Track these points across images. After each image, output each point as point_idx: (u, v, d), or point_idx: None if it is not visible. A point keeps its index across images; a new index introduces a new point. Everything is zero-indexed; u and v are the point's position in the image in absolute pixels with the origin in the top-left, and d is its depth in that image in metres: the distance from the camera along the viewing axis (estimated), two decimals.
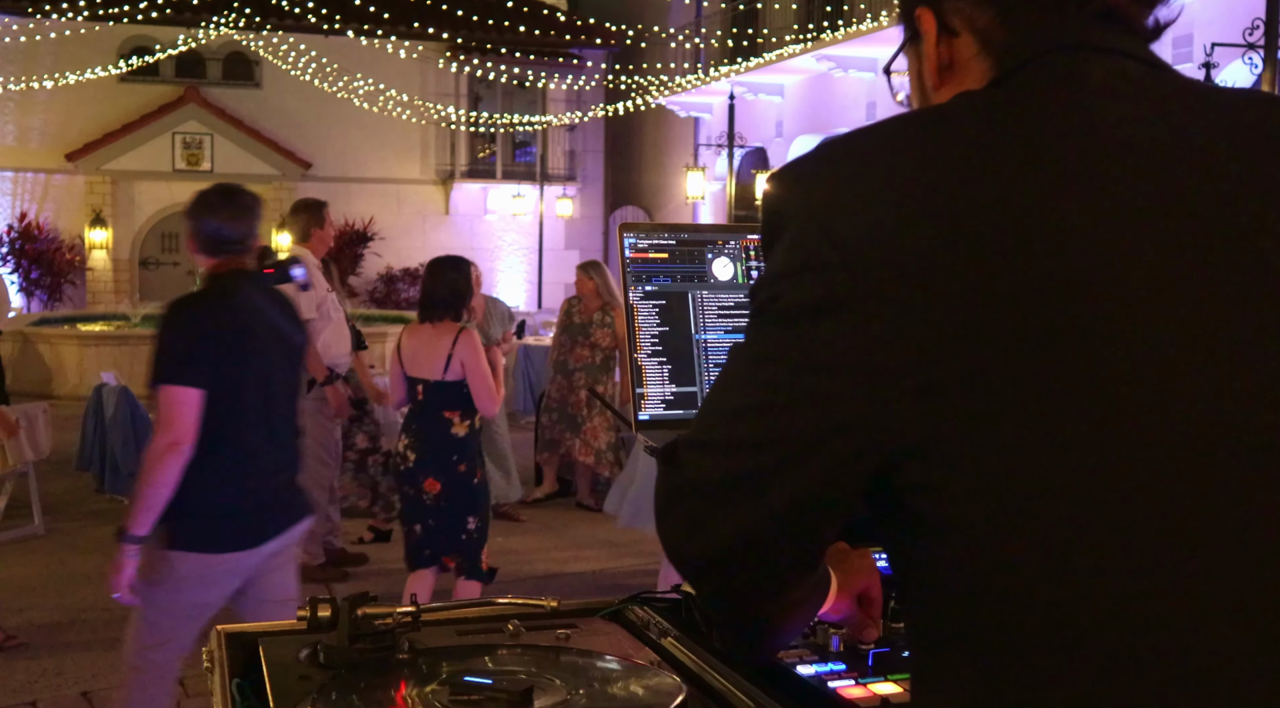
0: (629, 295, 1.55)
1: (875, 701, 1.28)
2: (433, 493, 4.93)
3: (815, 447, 0.92)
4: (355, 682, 1.34)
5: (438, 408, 4.99)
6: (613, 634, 1.56)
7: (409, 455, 5.00)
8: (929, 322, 0.87)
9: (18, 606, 5.84)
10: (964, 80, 1.02)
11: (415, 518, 5.01)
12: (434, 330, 5.00)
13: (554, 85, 20.95)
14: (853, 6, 15.36)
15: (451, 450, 4.97)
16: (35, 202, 20.02)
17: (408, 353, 5.06)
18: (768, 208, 0.98)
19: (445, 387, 4.95)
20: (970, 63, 1.01)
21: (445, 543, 4.97)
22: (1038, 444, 0.85)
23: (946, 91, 1.03)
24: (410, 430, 5.06)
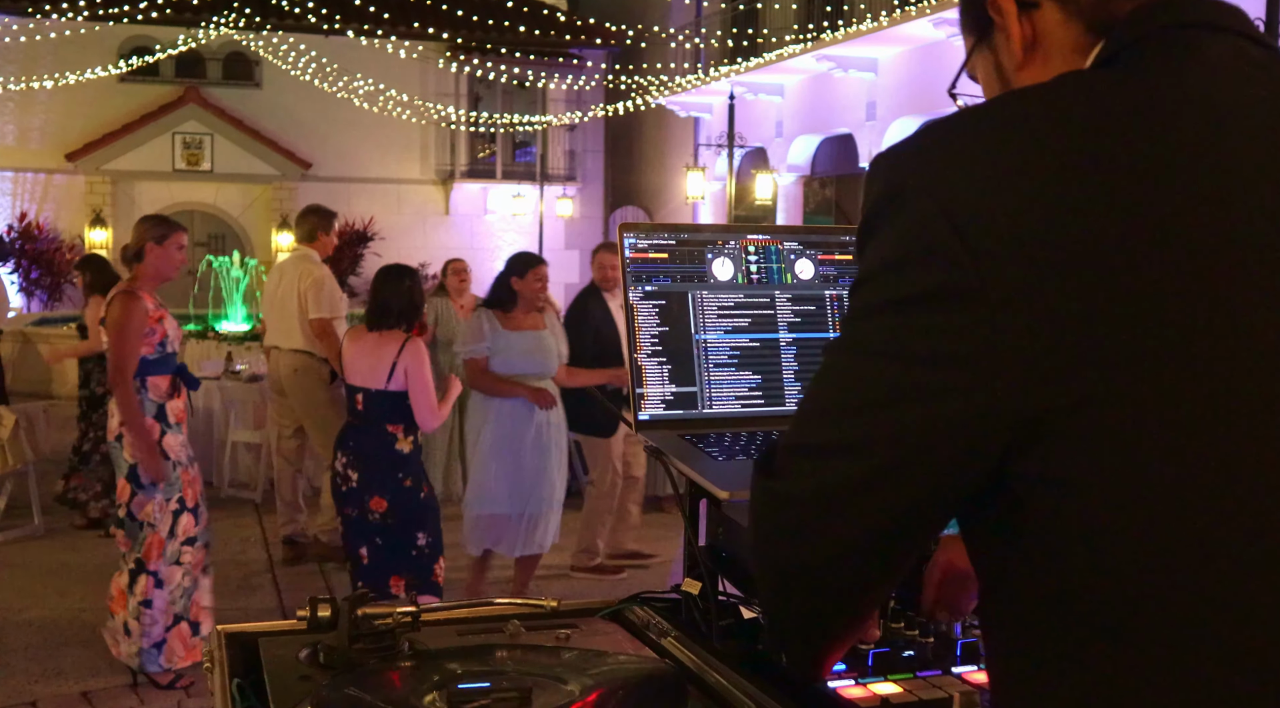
0: (629, 295, 1.55)
1: (875, 701, 1.28)
2: (379, 511, 4.75)
3: (931, 445, 0.87)
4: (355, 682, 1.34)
5: (379, 420, 4.79)
6: (613, 634, 1.56)
7: (350, 474, 4.80)
8: (1059, 312, 0.82)
9: (18, 605, 5.83)
10: (1050, 51, 0.98)
11: (360, 540, 4.81)
12: (379, 338, 4.81)
13: (554, 85, 20.95)
14: (853, 6, 15.35)
15: (396, 467, 4.80)
16: (35, 202, 20.03)
17: (349, 360, 4.86)
18: (876, 188, 0.92)
19: (386, 397, 4.76)
20: (1056, 30, 0.97)
21: (394, 564, 4.78)
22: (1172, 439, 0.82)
23: (1032, 69, 0.99)
24: (347, 447, 4.84)
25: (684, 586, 1.53)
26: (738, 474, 1.40)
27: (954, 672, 1.37)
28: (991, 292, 0.83)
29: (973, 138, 0.89)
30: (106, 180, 20.12)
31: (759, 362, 1.59)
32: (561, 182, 21.88)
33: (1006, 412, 0.84)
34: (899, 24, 13.23)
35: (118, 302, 4.68)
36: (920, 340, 0.86)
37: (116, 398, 4.68)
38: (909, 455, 0.88)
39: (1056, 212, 0.83)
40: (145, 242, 4.74)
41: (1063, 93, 0.89)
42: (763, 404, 1.59)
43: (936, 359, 0.86)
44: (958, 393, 0.85)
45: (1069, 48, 0.97)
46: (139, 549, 4.69)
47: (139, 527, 4.68)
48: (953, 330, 0.85)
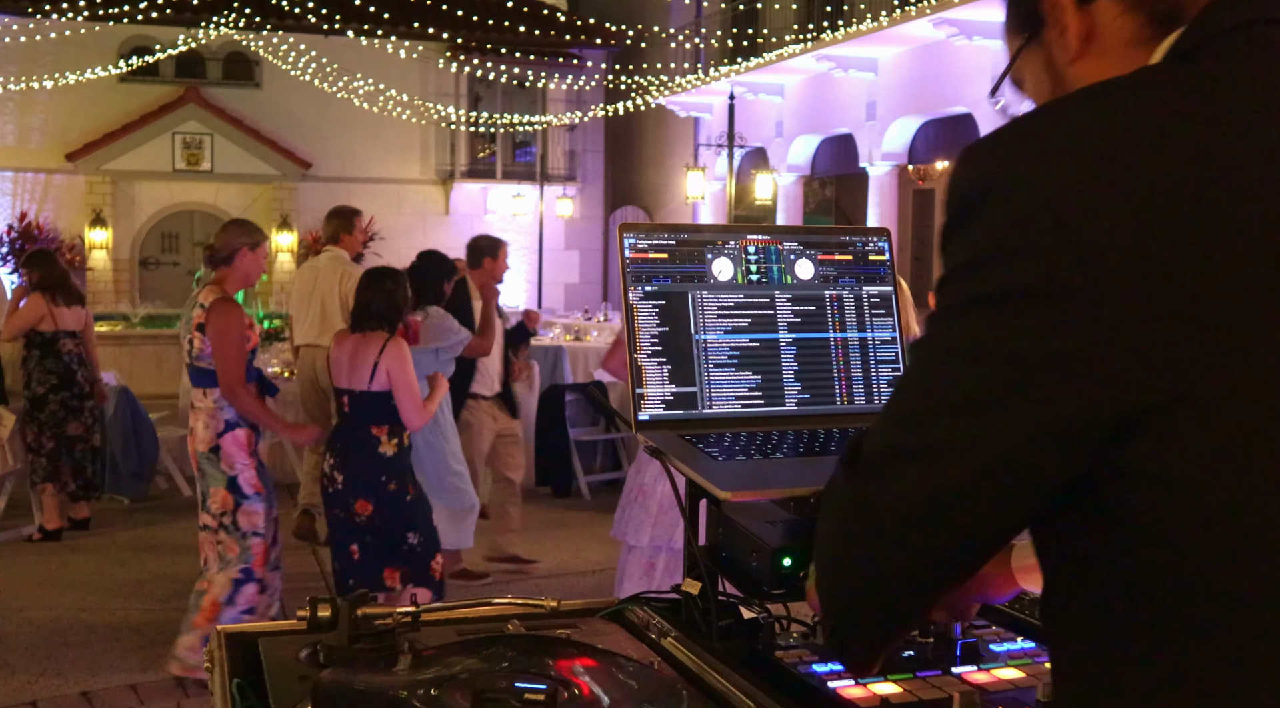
0: (629, 295, 1.55)
1: (875, 701, 1.28)
2: (365, 515, 4.76)
3: (1032, 446, 0.85)
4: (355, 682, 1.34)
5: (364, 423, 4.79)
6: (613, 634, 1.56)
7: (336, 476, 4.80)
8: (1160, 307, 0.81)
9: (18, 605, 5.83)
10: (1106, 44, 0.97)
11: (350, 539, 4.80)
12: (361, 340, 4.81)
13: (554, 85, 20.95)
14: (853, 6, 15.35)
15: (379, 471, 4.79)
16: (35, 202, 20.03)
17: (334, 362, 4.86)
18: (967, 179, 0.89)
19: (371, 398, 4.76)
20: (1114, 23, 0.96)
21: (386, 556, 4.78)
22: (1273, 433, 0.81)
23: (1087, 63, 0.99)
24: (335, 449, 4.85)
25: (684, 586, 1.53)
26: (738, 474, 1.40)
27: (954, 672, 1.37)
28: (1092, 286, 0.82)
29: (1070, 130, 0.87)
30: (106, 180, 20.12)
31: (759, 362, 1.59)
32: (561, 181, 21.88)
33: (1106, 408, 0.83)
34: (899, 24, 13.23)
35: (221, 309, 4.63)
36: (1018, 338, 0.84)
37: (239, 408, 4.63)
38: (1009, 458, 0.86)
39: (1157, 205, 0.82)
40: (240, 247, 4.73)
41: (1154, 87, 0.89)
42: (763, 404, 1.59)
43: (1035, 357, 0.84)
44: (1057, 391, 0.83)
45: (1127, 40, 0.96)
46: (247, 558, 4.69)
47: (243, 536, 4.68)
48: (1051, 327, 0.83)
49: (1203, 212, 0.82)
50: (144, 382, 11.68)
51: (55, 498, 7.17)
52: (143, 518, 7.75)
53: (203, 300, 4.67)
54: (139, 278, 20.49)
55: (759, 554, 1.40)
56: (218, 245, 4.79)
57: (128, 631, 5.48)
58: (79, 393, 7.20)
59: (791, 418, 1.59)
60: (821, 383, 1.62)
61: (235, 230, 4.84)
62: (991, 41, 12.49)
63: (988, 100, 1.31)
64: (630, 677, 1.35)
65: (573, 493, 8.62)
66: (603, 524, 7.73)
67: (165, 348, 13.21)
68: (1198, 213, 0.82)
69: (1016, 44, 1.05)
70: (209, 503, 4.71)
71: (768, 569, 1.38)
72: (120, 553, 6.87)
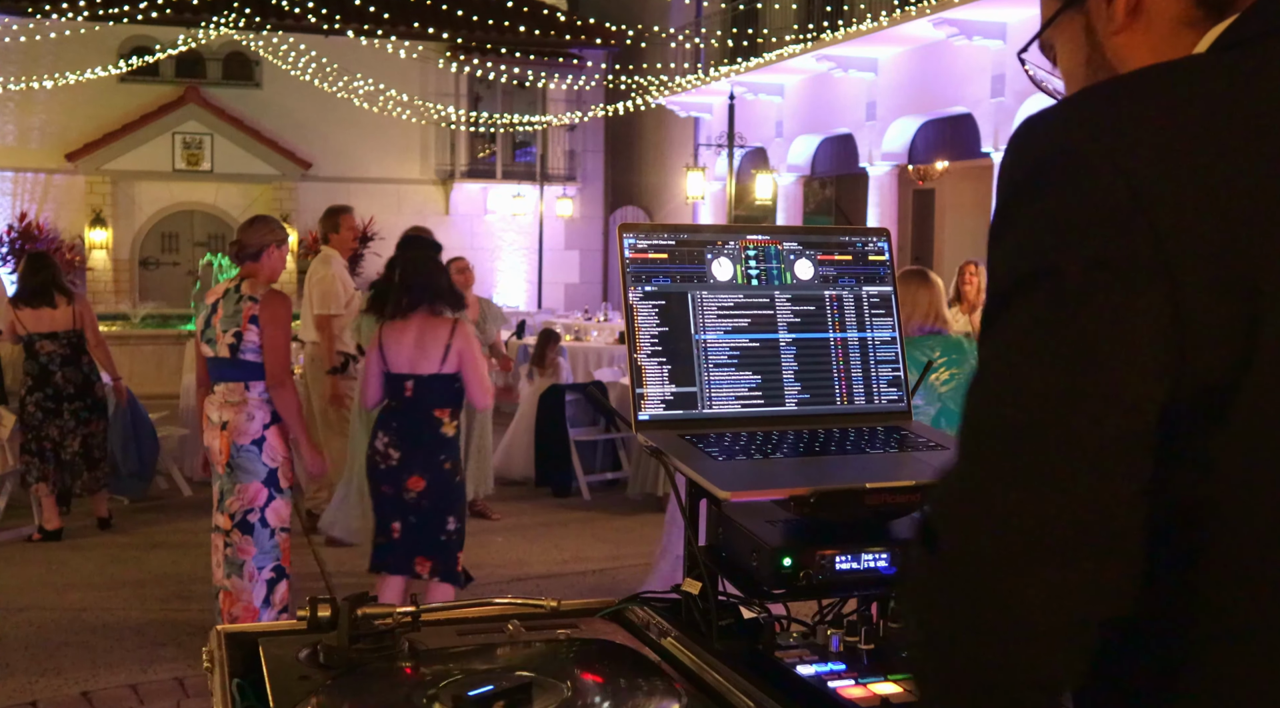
0: (629, 295, 1.55)
1: (875, 701, 1.28)
2: (416, 491, 4.78)
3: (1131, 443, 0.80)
4: (355, 682, 1.34)
5: (428, 406, 4.82)
6: (613, 634, 1.56)
7: (391, 453, 4.82)
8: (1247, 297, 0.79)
9: (18, 605, 5.84)
10: (1154, 19, 0.96)
11: (394, 516, 4.83)
12: (426, 322, 4.83)
13: (554, 85, 20.96)
14: (853, 6, 15.36)
15: (439, 450, 4.84)
16: (35, 202, 20.03)
17: (393, 349, 4.84)
18: (1035, 151, 0.86)
19: (439, 381, 4.80)
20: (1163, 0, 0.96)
21: (423, 543, 4.81)
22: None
23: (1131, 34, 0.97)
24: (390, 428, 4.85)
25: (684, 586, 1.53)
26: (738, 474, 1.40)
27: None
28: (1171, 260, 0.79)
29: (1146, 106, 0.85)
30: (106, 180, 20.13)
31: (759, 362, 1.59)
32: (561, 182, 21.89)
33: (1189, 381, 0.80)
34: (899, 24, 13.23)
35: (274, 301, 4.66)
36: (1098, 324, 0.80)
37: (280, 399, 4.64)
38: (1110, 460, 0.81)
39: (1230, 184, 0.81)
40: (269, 244, 4.75)
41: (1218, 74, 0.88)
42: (763, 404, 1.59)
43: (1119, 342, 0.80)
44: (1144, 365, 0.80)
45: (1174, 18, 0.95)
46: (275, 555, 4.71)
47: (270, 533, 4.69)
48: (1130, 302, 0.80)
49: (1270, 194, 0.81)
50: (144, 382, 11.68)
51: (51, 498, 7.17)
52: (143, 518, 7.75)
53: (250, 293, 4.66)
54: (139, 278, 20.50)
55: (759, 554, 1.40)
56: (245, 242, 4.80)
57: (128, 631, 5.48)
58: (55, 395, 7.11)
59: (791, 418, 1.59)
60: (821, 383, 1.62)
61: (262, 227, 4.84)
62: (992, 41, 12.49)
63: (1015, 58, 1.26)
64: (630, 677, 1.35)
65: (573, 493, 8.62)
66: (603, 525, 7.75)
67: (165, 348, 13.22)
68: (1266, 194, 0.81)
69: (1054, 6, 1.04)
70: (227, 502, 4.69)
71: (768, 569, 1.38)
72: (120, 553, 6.87)
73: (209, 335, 4.76)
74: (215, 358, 4.75)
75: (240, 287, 4.71)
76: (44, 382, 7.12)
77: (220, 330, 4.70)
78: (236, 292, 4.70)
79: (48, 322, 7.09)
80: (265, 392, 4.67)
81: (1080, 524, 0.81)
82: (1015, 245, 0.86)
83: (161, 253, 20.85)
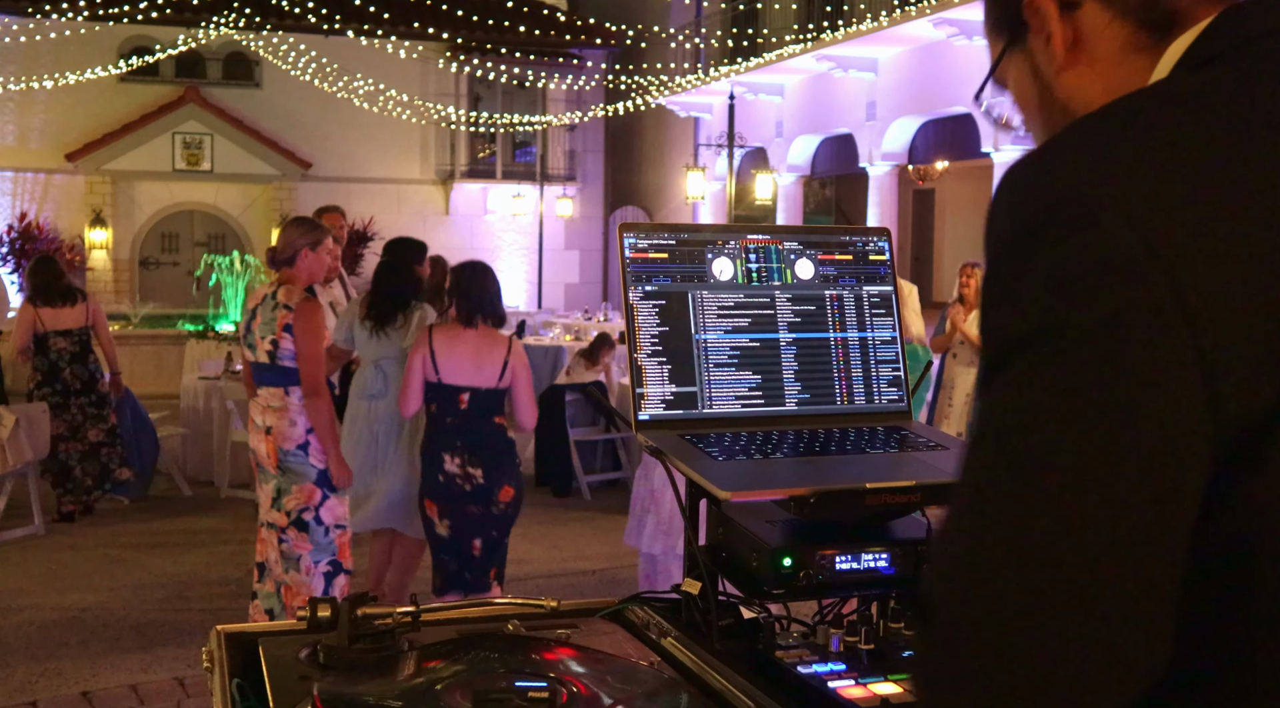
0: (629, 295, 1.55)
1: (875, 701, 1.28)
2: (505, 501, 4.80)
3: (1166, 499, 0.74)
4: (355, 682, 1.34)
5: (487, 415, 4.80)
6: (613, 634, 1.56)
7: (472, 472, 4.75)
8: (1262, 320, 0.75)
9: (18, 605, 5.84)
10: (1096, 51, 0.93)
11: (477, 533, 4.79)
12: (479, 336, 4.79)
13: (554, 85, 20.96)
14: (853, 6, 15.36)
15: (514, 454, 4.90)
16: (35, 202, 20.04)
17: (449, 360, 4.77)
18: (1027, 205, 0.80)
19: (494, 395, 4.79)
20: (1103, 30, 0.92)
21: (497, 557, 4.87)
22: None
23: (1077, 70, 0.94)
24: (457, 447, 4.77)
25: (684, 586, 1.53)
26: (738, 474, 1.40)
27: None
28: (1191, 307, 0.74)
29: (1130, 143, 0.80)
30: (106, 180, 20.13)
31: (759, 361, 1.59)
32: (561, 182, 21.89)
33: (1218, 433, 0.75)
34: (899, 24, 13.24)
35: (308, 309, 4.64)
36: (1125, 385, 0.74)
37: (313, 408, 4.64)
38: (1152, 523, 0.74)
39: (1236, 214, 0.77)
40: (301, 248, 4.72)
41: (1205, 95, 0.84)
42: (763, 404, 1.59)
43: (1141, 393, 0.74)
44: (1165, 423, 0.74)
45: (1117, 47, 0.92)
46: (331, 550, 4.72)
47: (325, 530, 4.70)
48: (1153, 359, 0.74)
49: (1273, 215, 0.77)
50: (144, 382, 11.69)
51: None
52: (143, 518, 7.75)
53: (285, 300, 4.65)
54: (139, 278, 20.51)
55: (759, 554, 1.40)
56: (279, 247, 4.78)
57: (128, 631, 5.48)
58: (64, 390, 7.44)
59: (791, 418, 1.59)
60: (821, 383, 1.62)
61: (295, 231, 4.82)
62: None
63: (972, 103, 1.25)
64: (630, 677, 1.35)
65: (573, 493, 8.62)
66: (603, 524, 7.75)
67: (165, 348, 13.23)
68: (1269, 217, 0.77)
69: (999, 46, 1.01)
70: (284, 501, 4.70)
71: (768, 569, 1.38)
72: (120, 553, 6.87)
73: (250, 340, 4.77)
74: (256, 363, 4.77)
75: (277, 293, 4.70)
76: (53, 377, 7.43)
77: (259, 336, 4.71)
78: (273, 298, 4.70)
79: (65, 320, 7.43)
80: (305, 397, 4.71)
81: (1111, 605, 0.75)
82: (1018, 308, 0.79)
83: (161, 253, 20.85)
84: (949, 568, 0.79)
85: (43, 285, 7.45)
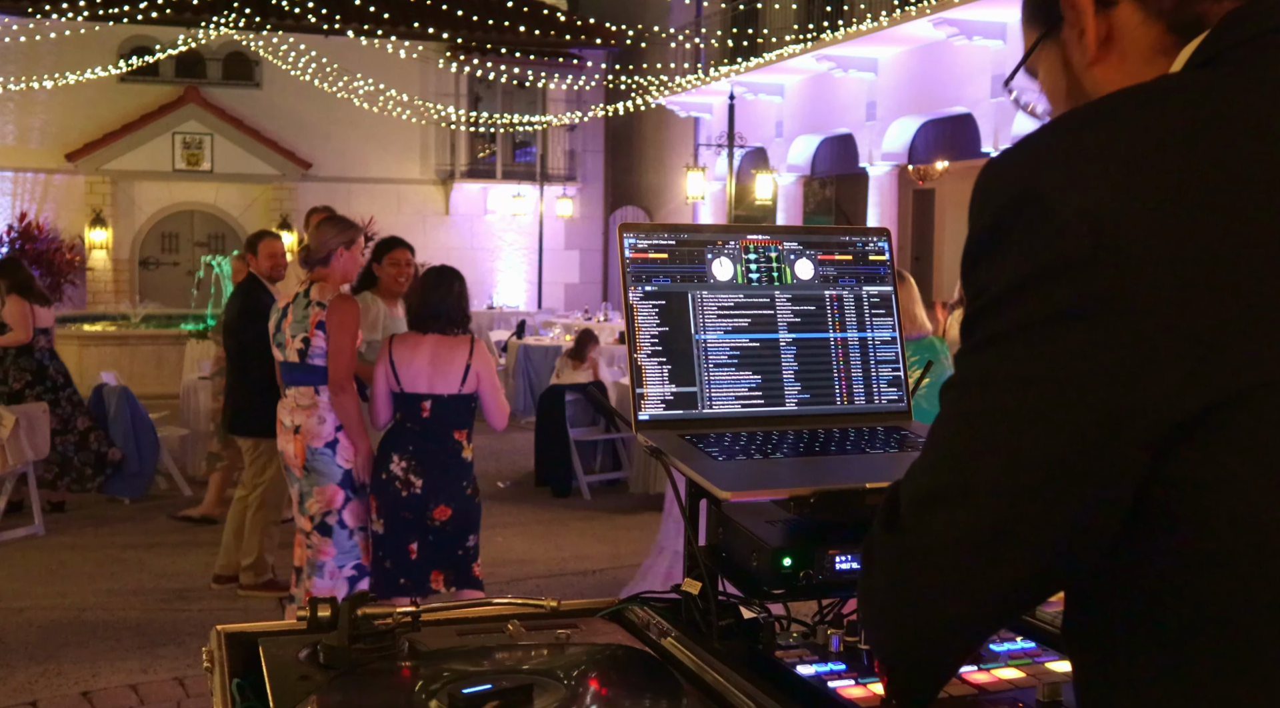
0: (629, 295, 1.55)
1: (875, 701, 1.28)
2: (441, 520, 4.70)
3: (1083, 469, 0.83)
4: (355, 682, 1.34)
5: (447, 427, 4.70)
6: (613, 634, 1.56)
7: (413, 481, 4.68)
8: (1209, 321, 0.80)
9: (18, 606, 5.84)
10: (1126, 50, 0.96)
11: (413, 537, 4.71)
12: (440, 342, 4.69)
13: (554, 85, 20.96)
14: (853, 6, 15.36)
15: (462, 476, 4.75)
16: (35, 202, 20.04)
17: (409, 368, 4.67)
18: (1002, 195, 0.86)
19: (458, 401, 4.69)
20: (1134, 29, 0.95)
21: (440, 559, 4.73)
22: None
23: (1106, 67, 0.97)
24: (407, 451, 4.70)
25: (684, 586, 1.53)
26: (738, 474, 1.40)
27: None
28: (1137, 299, 0.80)
29: (1101, 140, 0.85)
30: (106, 180, 20.13)
31: (759, 362, 1.59)
32: (561, 182, 21.89)
33: (1159, 421, 0.81)
34: (899, 24, 13.24)
35: (342, 307, 4.64)
36: (1068, 358, 0.82)
37: (340, 405, 4.62)
38: (1061, 484, 0.84)
39: (1192, 211, 0.81)
40: (336, 247, 4.72)
41: (1179, 94, 0.87)
42: (763, 404, 1.59)
43: (1080, 377, 0.82)
44: (1109, 407, 0.81)
45: (1146, 46, 0.95)
46: (355, 554, 4.71)
47: (349, 533, 4.70)
48: (1100, 344, 0.81)
49: (1236, 215, 0.81)
50: (144, 382, 11.69)
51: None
52: (143, 518, 7.75)
53: (318, 299, 4.64)
54: (139, 278, 20.50)
55: (759, 554, 1.40)
56: (313, 247, 4.77)
57: (128, 631, 5.48)
58: (51, 386, 7.61)
59: (791, 418, 1.59)
60: (821, 383, 1.62)
61: (329, 230, 4.78)
62: (992, 41, 12.50)
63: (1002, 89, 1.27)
64: (630, 677, 1.35)
65: (573, 493, 8.62)
66: (603, 524, 7.75)
67: (165, 348, 13.23)
68: (1231, 216, 0.81)
69: (1033, 36, 1.04)
70: (307, 505, 4.70)
71: (768, 569, 1.38)
72: (120, 553, 6.87)
73: (279, 339, 4.77)
74: (286, 362, 4.76)
75: (309, 291, 4.70)
76: (41, 376, 7.55)
77: (289, 335, 4.71)
78: (305, 296, 4.70)
79: (45, 318, 7.60)
80: None
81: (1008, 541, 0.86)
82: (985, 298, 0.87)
83: (161, 253, 20.85)
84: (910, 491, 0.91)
85: (27, 282, 7.54)
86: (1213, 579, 0.84)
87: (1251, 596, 0.84)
